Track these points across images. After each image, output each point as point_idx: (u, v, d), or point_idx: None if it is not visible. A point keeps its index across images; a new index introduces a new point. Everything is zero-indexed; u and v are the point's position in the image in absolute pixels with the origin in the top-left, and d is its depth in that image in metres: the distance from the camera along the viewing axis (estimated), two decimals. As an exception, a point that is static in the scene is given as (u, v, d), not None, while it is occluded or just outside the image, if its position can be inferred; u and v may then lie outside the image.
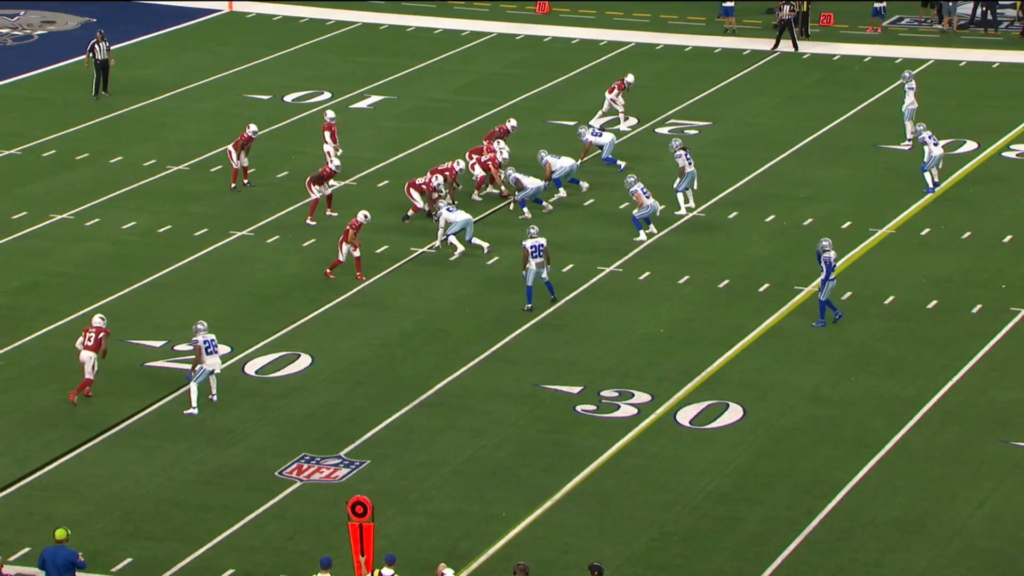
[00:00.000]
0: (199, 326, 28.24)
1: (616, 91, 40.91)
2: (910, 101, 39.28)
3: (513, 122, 38.35)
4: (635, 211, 34.46)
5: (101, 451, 27.40)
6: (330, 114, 38.57)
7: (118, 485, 26.27)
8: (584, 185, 37.21)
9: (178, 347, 30.51)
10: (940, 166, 37.00)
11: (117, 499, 25.87)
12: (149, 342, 30.95)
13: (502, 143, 37.09)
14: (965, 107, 42.05)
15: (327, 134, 38.06)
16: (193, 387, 28.18)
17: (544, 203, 36.20)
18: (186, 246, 35.09)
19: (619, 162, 38.10)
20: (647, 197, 34.21)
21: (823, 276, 30.70)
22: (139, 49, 49.00)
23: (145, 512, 25.53)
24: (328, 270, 33.02)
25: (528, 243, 31.22)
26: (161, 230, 35.99)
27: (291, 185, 37.65)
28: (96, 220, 36.56)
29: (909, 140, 39.15)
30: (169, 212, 36.81)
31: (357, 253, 32.54)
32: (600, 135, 38.41)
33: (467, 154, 37.04)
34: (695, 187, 36.04)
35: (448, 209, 34.16)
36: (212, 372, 28.17)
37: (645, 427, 27.62)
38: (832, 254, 30.77)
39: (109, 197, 37.82)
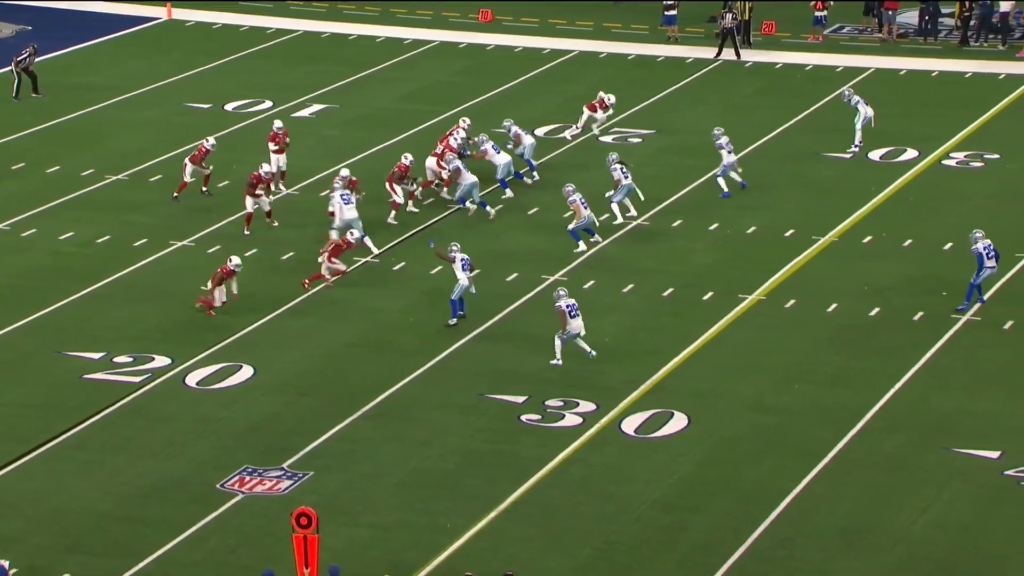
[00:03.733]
0: None
1: (594, 111, 40.94)
2: (865, 112, 39.29)
3: (467, 121, 38.73)
4: (572, 223, 34.44)
5: (38, 465, 27.24)
6: (277, 123, 38.38)
7: (56, 500, 26.12)
8: (527, 181, 37.59)
9: (117, 359, 30.41)
10: (739, 169, 37.23)
11: (55, 514, 25.71)
12: (88, 354, 30.80)
13: (484, 136, 37.91)
14: (906, 115, 42.35)
15: (271, 144, 37.85)
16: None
17: (490, 209, 36.34)
18: (126, 257, 34.98)
19: (529, 175, 38.13)
20: (584, 208, 34.24)
21: (978, 265, 31.07)
22: (76, 57, 48.77)
23: (84, 527, 25.38)
24: (307, 281, 33.13)
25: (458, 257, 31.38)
26: (100, 240, 35.86)
27: (232, 195, 37.53)
28: (33, 230, 36.40)
29: (856, 147, 39.35)
30: (108, 222, 36.68)
31: (235, 291, 32.17)
32: (525, 137, 38.32)
33: (436, 163, 37.21)
34: (641, 197, 36.09)
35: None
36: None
37: (590, 436, 27.68)
38: (981, 244, 31.07)
39: (46, 207, 37.67)
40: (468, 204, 36.45)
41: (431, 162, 37.09)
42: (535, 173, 38.17)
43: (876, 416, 28.25)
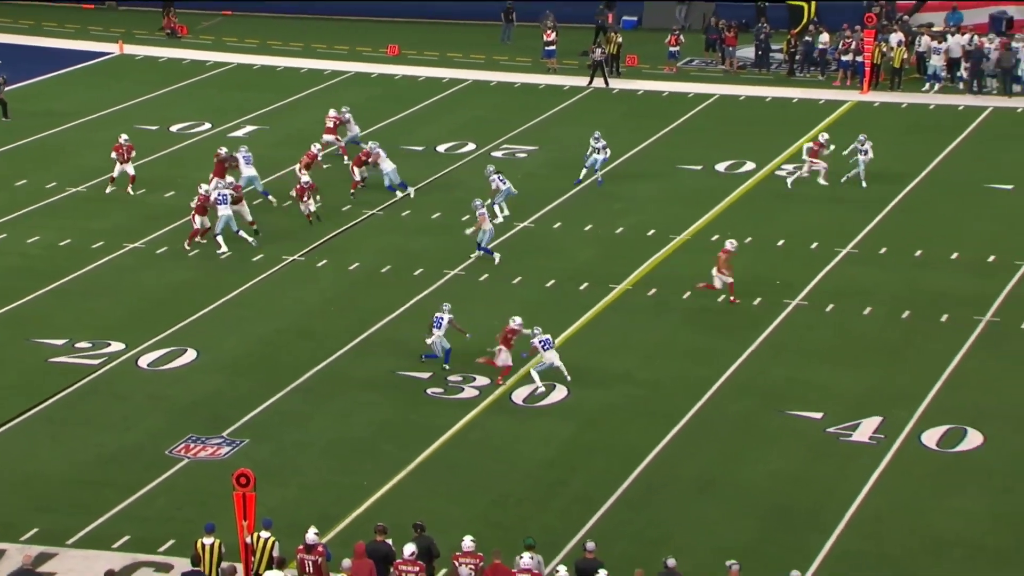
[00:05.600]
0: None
1: (815, 155, 37.95)
2: (865, 154, 37.81)
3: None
4: (478, 236, 33.50)
5: (12, 437, 26.99)
6: (223, 150, 37.67)
7: (26, 467, 25.92)
8: (410, 191, 37.35)
9: (78, 345, 30.08)
10: (600, 170, 37.63)
11: (26, 478, 25.53)
12: (53, 341, 30.45)
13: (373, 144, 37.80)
14: (745, 133, 42.69)
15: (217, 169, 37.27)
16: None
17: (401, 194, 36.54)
18: (84, 257, 34.57)
19: (401, 192, 37.47)
20: (487, 221, 33.61)
21: None
22: (40, 86, 48.08)
23: (51, 489, 25.21)
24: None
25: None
26: (62, 244, 35.40)
27: (177, 204, 37.19)
28: (4, 235, 35.88)
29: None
30: (69, 228, 36.21)
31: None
32: (383, 157, 37.55)
33: (351, 167, 37.56)
34: (527, 205, 36.04)
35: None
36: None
37: (486, 406, 27.74)
38: None
39: (15, 215, 37.15)
40: (400, 192, 36.70)
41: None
42: (409, 190, 37.61)
43: (723, 385, 28.51)
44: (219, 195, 34.44)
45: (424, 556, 21.59)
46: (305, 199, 35.77)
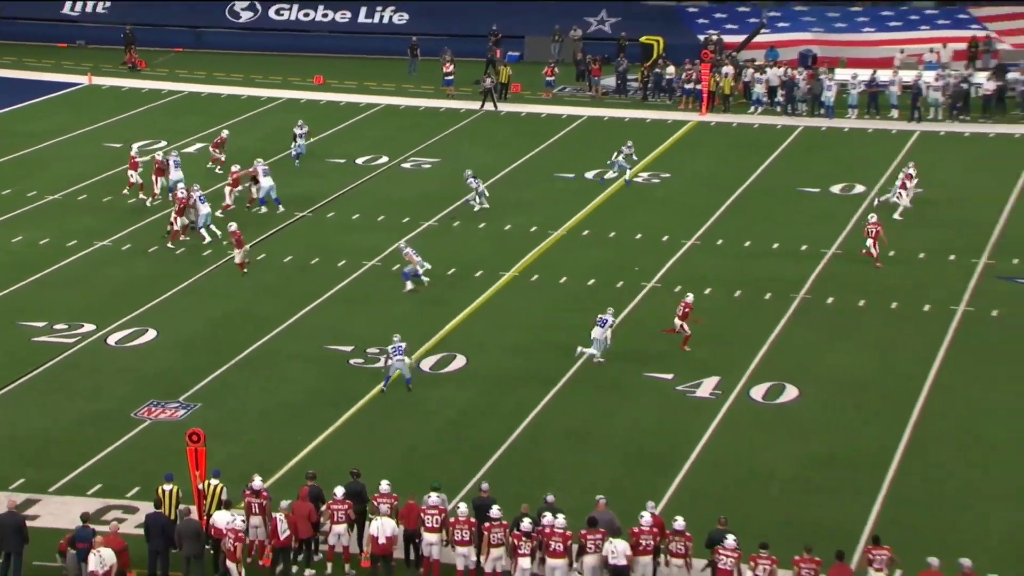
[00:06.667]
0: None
1: (904, 187, 35.39)
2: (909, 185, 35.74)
3: (225, 133, 39.32)
4: (406, 267, 31.69)
5: (2, 403, 26.35)
6: (158, 154, 37.06)
7: (14, 428, 25.32)
8: (280, 209, 36.10)
9: (56, 326, 29.44)
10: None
11: (12, 438, 24.93)
12: (35, 323, 29.74)
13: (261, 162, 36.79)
14: (610, 148, 42.76)
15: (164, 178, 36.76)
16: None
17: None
18: (62, 253, 33.78)
19: (275, 208, 36.18)
20: (416, 256, 31.56)
21: None
22: (23, 112, 46.98)
23: (35, 447, 24.66)
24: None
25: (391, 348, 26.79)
26: (42, 242, 34.55)
27: (138, 208, 36.52)
28: (-7, 236, 35.08)
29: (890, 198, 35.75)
30: (48, 229, 35.35)
31: None
32: (267, 173, 36.30)
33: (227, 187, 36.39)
34: (430, 207, 35.71)
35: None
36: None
37: (398, 374, 27.41)
38: None
39: (2, 219, 36.20)
40: (265, 207, 35.62)
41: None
42: (280, 207, 36.35)
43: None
44: (174, 161, 33.79)
45: (355, 497, 21.37)
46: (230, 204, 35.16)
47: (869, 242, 32.28)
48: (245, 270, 31.83)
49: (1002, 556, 21.00)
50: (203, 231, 34.07)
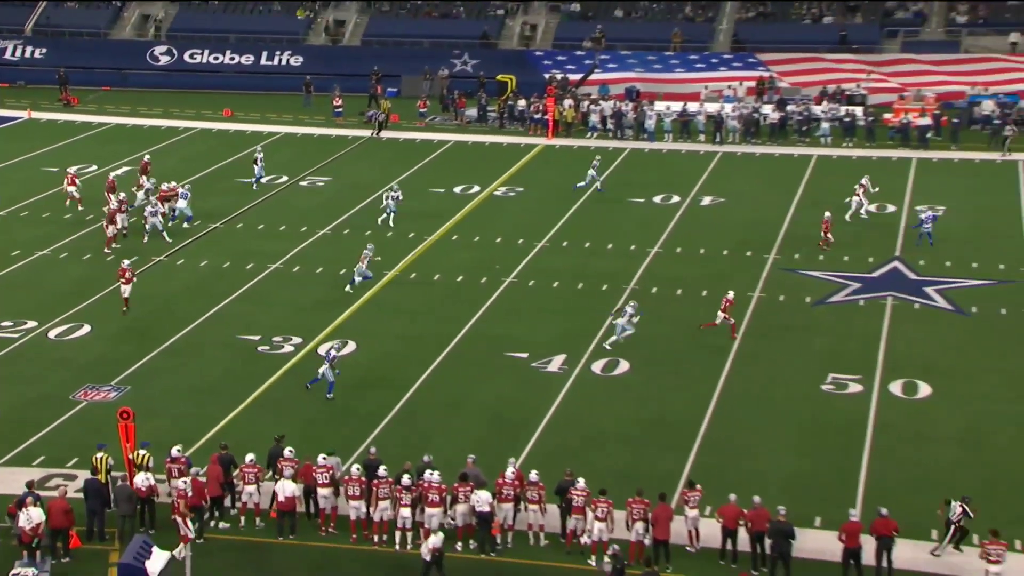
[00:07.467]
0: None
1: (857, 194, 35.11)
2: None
3: (147, 157, 38.55)
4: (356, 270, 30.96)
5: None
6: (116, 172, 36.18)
7: (-33, 413, 24.57)
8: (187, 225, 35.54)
9: (2, 324, 28.80)
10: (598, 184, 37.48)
11: (-34, 422, 24.19)
12: (-17, 323, 28.93)
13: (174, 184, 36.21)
14: (473, 167, 43.12)
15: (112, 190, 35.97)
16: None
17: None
18: (6, 261, 33.02)
19: (189, 223, 35.56)
20: (367, 259, 30.78)
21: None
22: (-32, 140, 45.45)
23: (-15, 428, 23.97)
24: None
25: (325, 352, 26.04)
26: (-12, 253, 33.61)
27: (75, 219, 35.89)
28: (-56, 248, 33.89)
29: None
30: (-7, 242, 34.44)
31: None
32: (186, 196, 35.72)
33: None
34: (324, 218, 35.43)
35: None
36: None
37: (300, 358, 27.46)
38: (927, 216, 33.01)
39: (-48, 234, 35.14)
40: (186, 223, 35.03)
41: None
42: (193, 222, 35.93)
43: (463, 337, 28.70)
44: (152, 209, 33.73)
45: (273, 462, 21.49)
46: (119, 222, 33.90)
47: (824, 236, 33.45)
48: (125, 308, 29.34)
49: (784, 492, 22.01)
50: (164, 234, 33.69)
